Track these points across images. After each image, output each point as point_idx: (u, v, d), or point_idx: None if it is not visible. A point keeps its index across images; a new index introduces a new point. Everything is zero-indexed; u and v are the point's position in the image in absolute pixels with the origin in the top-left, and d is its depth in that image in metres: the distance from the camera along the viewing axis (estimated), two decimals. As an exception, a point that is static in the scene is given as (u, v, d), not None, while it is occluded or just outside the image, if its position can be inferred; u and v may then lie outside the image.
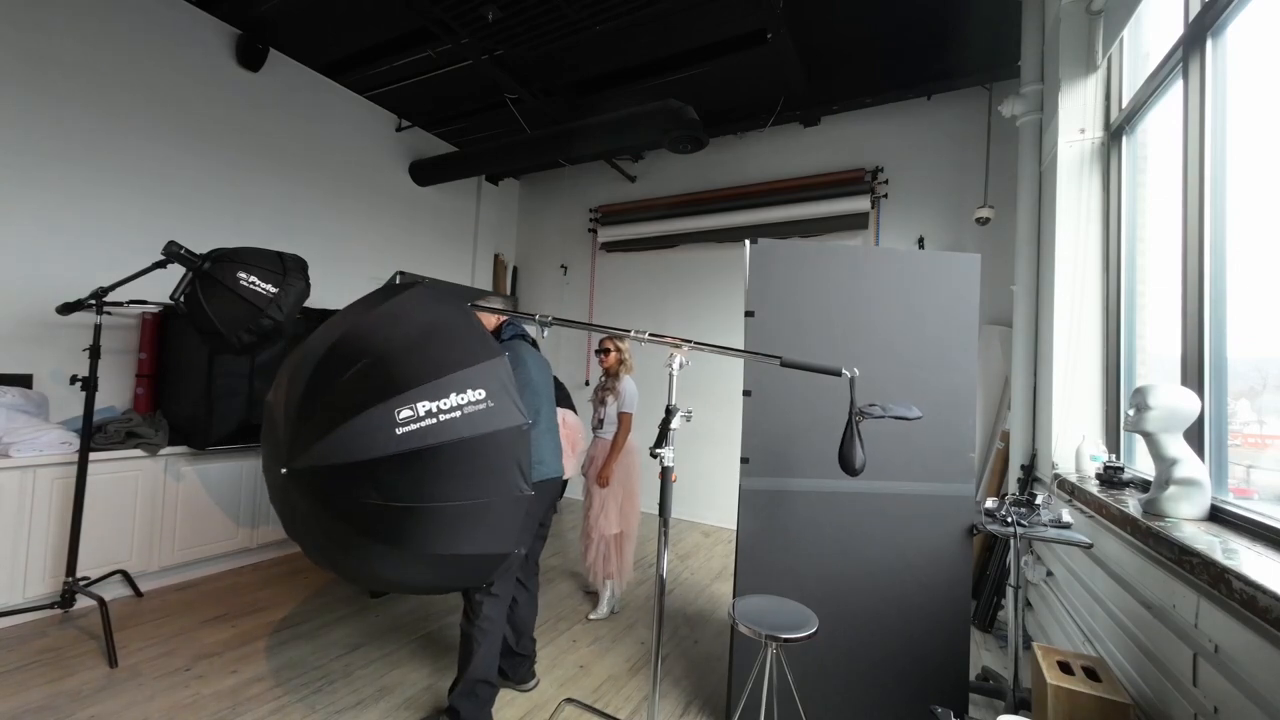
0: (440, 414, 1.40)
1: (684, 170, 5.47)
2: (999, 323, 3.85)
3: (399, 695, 2.29)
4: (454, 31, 3.61)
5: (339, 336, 1.51)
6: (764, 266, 2.17)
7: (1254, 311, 1.75)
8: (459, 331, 1.56)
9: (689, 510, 5.12)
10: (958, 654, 2.08)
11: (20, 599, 2.65)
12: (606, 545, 3.09)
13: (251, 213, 4.09)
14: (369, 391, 1.38)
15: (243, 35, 3.95)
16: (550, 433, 2.26)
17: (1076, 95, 2.72)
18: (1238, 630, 1.19)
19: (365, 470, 1.36)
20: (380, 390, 1.38)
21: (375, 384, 1.40)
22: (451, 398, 1.42)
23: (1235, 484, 1.75)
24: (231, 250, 2.28)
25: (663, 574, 1.63)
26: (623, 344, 3.16)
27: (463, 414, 1.43)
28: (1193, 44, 1.89)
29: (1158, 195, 2.42)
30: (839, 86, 4.30)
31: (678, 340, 1.62)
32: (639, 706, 2.30)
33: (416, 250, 5.46)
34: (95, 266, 3.18)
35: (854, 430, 1.65)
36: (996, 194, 4.03)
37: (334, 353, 1.47)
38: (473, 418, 1.44)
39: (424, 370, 1.43)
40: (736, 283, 4.69)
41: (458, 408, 1.42)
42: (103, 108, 3.35)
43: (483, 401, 1.46)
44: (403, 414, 1.37)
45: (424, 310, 1.58)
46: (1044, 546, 2.70)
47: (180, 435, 3.27)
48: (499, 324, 2.21)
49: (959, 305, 2.16)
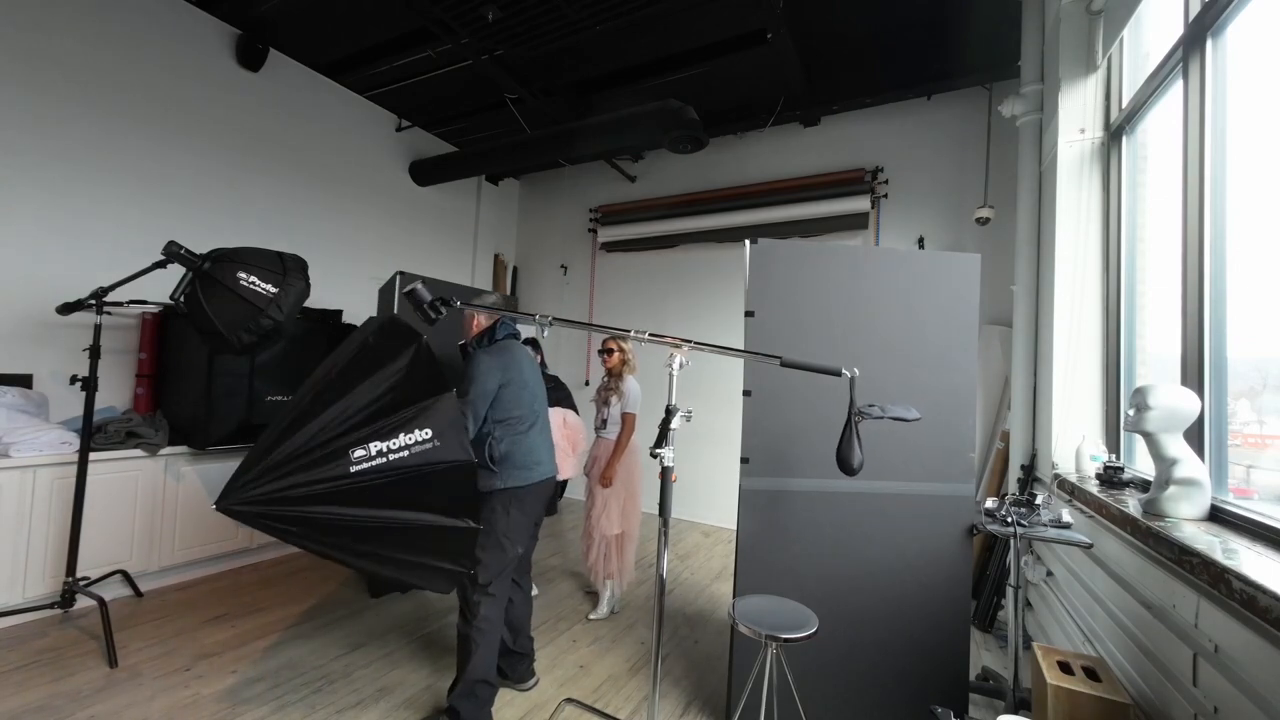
0: (390, 453, 1.63)
1: (684, 170, 5.47)
2: (999, 323, 3.85)
3: (399, 695, 2.29)
4: (454, 31, 3.61)
5: (317, 391, 1.69)
6: (764, 266, 2.17)
7: (1254, 311, 1.75)
8: (411, 376, 1.72)
9: (689, 510, 5.12)
10: (958, 654, 2.08)
11: (20, 599, 2.65)
12: (607, 545, 3.09)
13: (251, 213, 4.09)
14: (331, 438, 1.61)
15: (243, 35, 3.95)
16: (544, 433, 2.26)
17: (1076, 95, 2.72)
18: (1238, 630, 1.19)
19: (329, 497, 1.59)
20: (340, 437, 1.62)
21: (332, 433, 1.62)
22: (400, 438, 1.64)
23: (1235, 484, 1.75)
24: (231, 250, 2.27)
25: (663, 574, 1.63)
26: (626, 344, 3.16)
27: (410, 453, 1.65)
28: (1193, 44, 1.89)
29: (1158, 195, 2.42)
30: (839, 86, 4.30)
31: (678, 340, 1.62)
32: (639, 706, 2.30)
33: (416, 250, 5.46)
34: (95, 266, 3.18)
35: (853, 430, 1.65)
36: (996, 194, 4.03)
37: (309, 404, 1.67)
38: (422, 454, 1.66)
39: (377, 416, 1.65)
40: (736, 283, 4.69)
41: (405, 447, 1.64)
42: (103, 108, 3.35)
43: (429, 441, 1.68)
44: (357, 454, 1.60)
45: (379, 356, 1.74)
46: (1044, 546, 2.70)
47: (180, 435, 3.27)
48: (493, 323, 2.21)
49: (959, 305, 2.16)
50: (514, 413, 2.12)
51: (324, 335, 3.89)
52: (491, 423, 2.08)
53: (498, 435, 2.07)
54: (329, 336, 3.92)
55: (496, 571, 2.05)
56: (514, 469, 2.09)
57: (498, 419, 2.09)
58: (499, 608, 2.10)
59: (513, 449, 2.10)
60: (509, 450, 2.09)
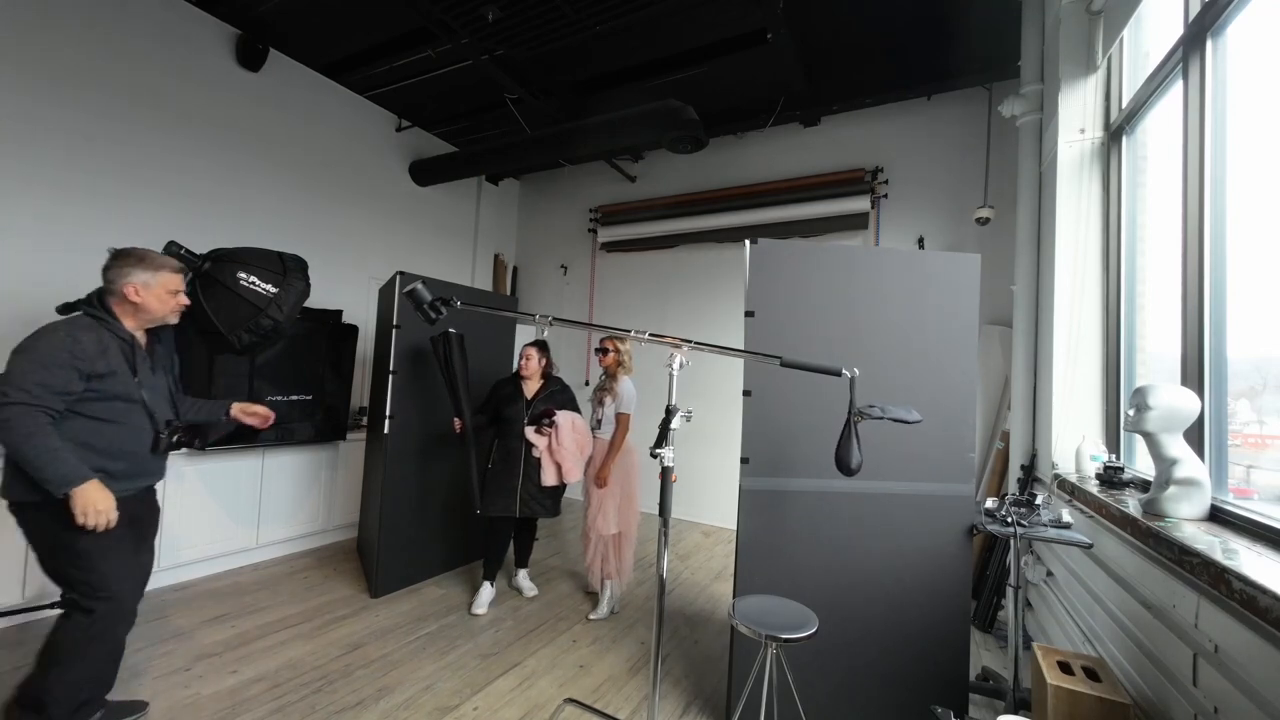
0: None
1: (684, 170, 5.47)
2: (999, 323, 3.85)
3: (399, 695, 2.29)
4: (454, 31, 3.61)
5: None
6: (764, 266, 2.17)
7: (1254, 311, 1.75)
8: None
9: (689, 510, 5.12)
10: (958, 654, 2.08)
11: (20, 599, 2.65)
12: (605, 546, 3.09)
13: (251, 213, 4.09)
14: None
15: (243, 35, 3.95)
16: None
17: (1076, 95, 2.72)
18: (1238, 630, 1.19)
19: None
20: None
21: None
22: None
23: (1235, 484, 1.75)
24: (231, 250, 2.27)
25: (663, 574, 1.63)
26: (623, 345, 3.16)
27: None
28: (1193, 44, 1.89)
29: (1158, 195, 2.42)
30: (839, 86, 4.30)
31: (678, 340, 1.62)
32: (639, 706, 2.30)
33: (416, 250, 5.46)
34: (95, 266, 3.16)
35: (852, 431, 1.65)
36: (996, 194, 4.03)
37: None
38: None
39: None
40: (736, 283, 4.69)
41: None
42: (102, 108, 3.35)
43: None
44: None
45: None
46: (1044, 546, 2.70)
47: (180, 435, 3.27)
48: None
49: (959, 305, 2.16)
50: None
51: (324, 335, 3.89)
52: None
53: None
54: (329, 336, 3.92)
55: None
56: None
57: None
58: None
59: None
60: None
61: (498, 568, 3.20)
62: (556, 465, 3.05)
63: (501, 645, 2.74)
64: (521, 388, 3.16)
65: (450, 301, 1.64)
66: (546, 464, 3.04)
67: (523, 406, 3.11)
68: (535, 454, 3.06)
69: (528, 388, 3.17)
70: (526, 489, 3.06)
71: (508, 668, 2.54)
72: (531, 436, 3.05)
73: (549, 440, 3.04)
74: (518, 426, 3.08)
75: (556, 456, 3.04)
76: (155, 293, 1.91)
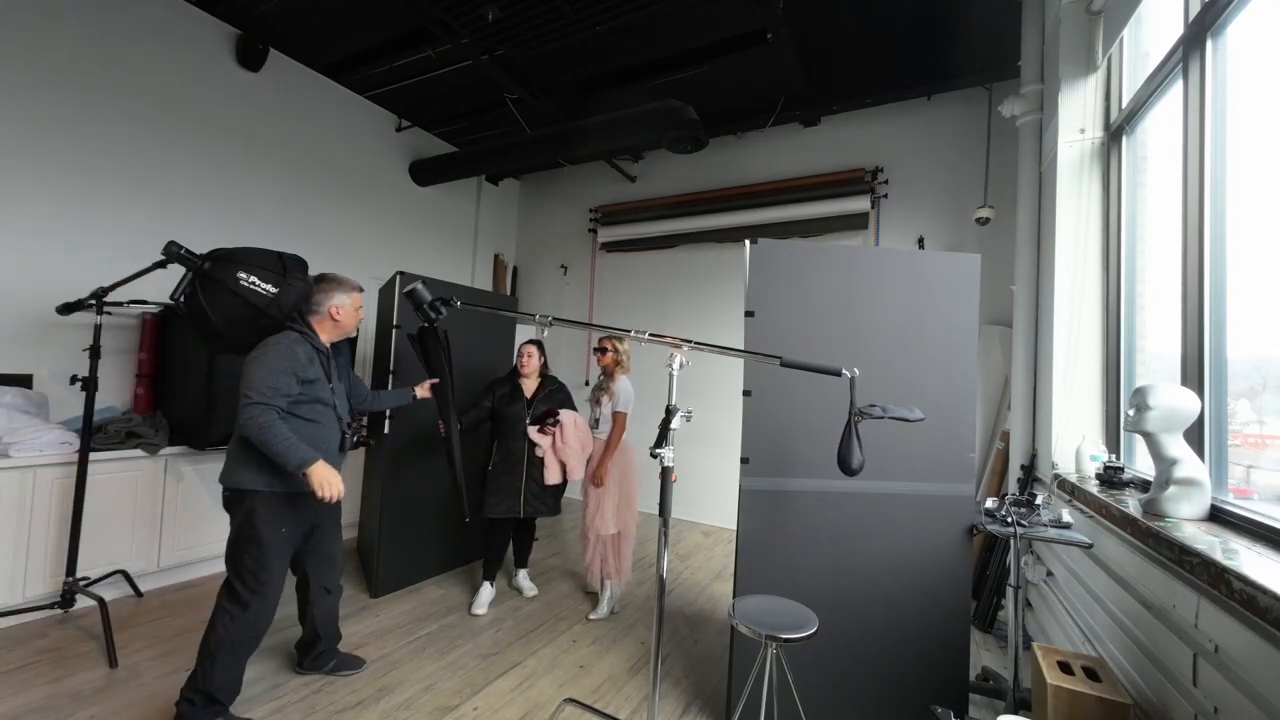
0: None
1: (684, 170, 5.47)
2: (999, 323, 3.85)
3: (399, 695, 2.29)
4: (454, 31, 3.61)
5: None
6: (764, 266, 2.17)
7: (1254, 311, 1.75)
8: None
9: (689, 510, 5.12)
10: (958, 654, 2.08)
11: (20, 599, 2.65)
12: (604, 546, 3.09)
13: (252, 213, 4.09)
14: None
15: (243, 35, 3.95)
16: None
17: (1076, 95, 2.72)
18: (1238, 630, 1.19)
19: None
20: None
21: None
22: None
23: (1235, 484, 1.75)
24: (231, 250, 2.27)
25: (663, 574, 1.63)
26: (622, 345, 3.16)
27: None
28: (1193, 44, 1.89)
29: (1158, 195, 2.42)
30: (839, 86, 4.30)
31: (678, 340, 1.62)
32: (639, 706, 2.30)
33: (416, 250, 5.46)
34: (95, 266, 3.18)
35: (853, 431, 1.65)
36: (996, 194, 4.03)
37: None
38: None
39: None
40: (736, 283, 4.69)
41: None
42: (103, 108, 3.35)
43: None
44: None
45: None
46: (1044, 546, 2.70)
47: (180, 435, 3.27)
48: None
49: (959, 305, 2.16)
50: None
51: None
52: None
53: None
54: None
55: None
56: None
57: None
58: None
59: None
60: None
61: (497, 568, 3.20)
62: (560, 464, 3.05)
63: (501, 645, 2.74)
64: (520, 387, 3.16)
65: (450, 301, 1.64)
66: (550, 463, 3.04)
67: (523, 406, 3.11)
68: (539, 453, 3.06)
69: (526, 387, 3.17)
70: (529, 489, 3.06)
71: (508, 668, 2.54)
72: (535, 436, 3.05)
73: (553, 439, 3.04)
74: (519, 426, 3.07)
75: (561, 455, 3.04)
76: (349, 311, 2.27)
